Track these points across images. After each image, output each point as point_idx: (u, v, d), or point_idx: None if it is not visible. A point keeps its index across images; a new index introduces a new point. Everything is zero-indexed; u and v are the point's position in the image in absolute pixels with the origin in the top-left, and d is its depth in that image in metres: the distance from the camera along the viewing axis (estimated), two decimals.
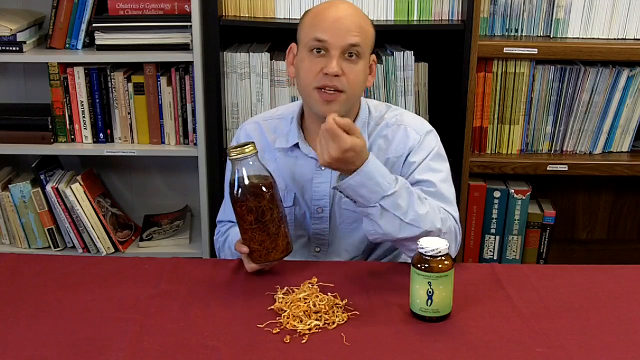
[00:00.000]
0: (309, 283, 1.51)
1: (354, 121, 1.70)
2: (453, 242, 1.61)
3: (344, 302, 1.46)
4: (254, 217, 1.51)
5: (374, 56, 1.69)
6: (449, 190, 1.68)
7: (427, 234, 1.52)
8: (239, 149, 1.51)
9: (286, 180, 1.73)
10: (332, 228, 1.75)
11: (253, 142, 1.53)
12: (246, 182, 1.51)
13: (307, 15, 1.67)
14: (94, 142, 2.51)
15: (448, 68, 2.45)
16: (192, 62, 2.38)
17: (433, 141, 1.72)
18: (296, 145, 1.73)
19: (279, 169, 1.72)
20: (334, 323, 1.39)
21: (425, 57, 2.42)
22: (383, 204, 1.52)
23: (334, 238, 1.75)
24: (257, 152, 1.52)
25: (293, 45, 1.70)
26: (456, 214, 1.66)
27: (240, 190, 1.51)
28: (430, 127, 1.75)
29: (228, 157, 1.52)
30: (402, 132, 1.71)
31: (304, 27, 1.65)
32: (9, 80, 2.70)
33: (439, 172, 1.68)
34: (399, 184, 1.54)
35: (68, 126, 2.49)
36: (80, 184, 2.48)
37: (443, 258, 1.39)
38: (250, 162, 1.51)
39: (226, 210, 1.83)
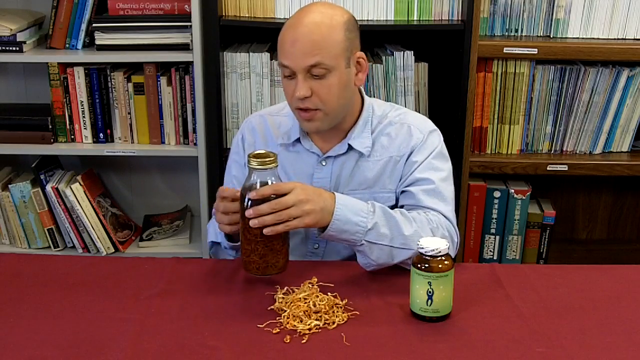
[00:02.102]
0: (309, 283, 1.50)
1: (356, 120, 1.71)
2: (450, 246, 1.60)
3: (344, 302, 1.46)
4: (260, 230, 1.45)
5: (359, 53, 1.64)
6: (448, 189, 1.68)
7: None
8: (260, 159, 1.46)
9: (287, 175, 1.73)
10: None
11: (276, 155, 1.47)
12: None
13: (281, 29, 1.62)
14: (94, 142, 2.51)
15: (448, 68, 2.45)
16: (192, 62, 2.38)
17: (436, 140, 1.72)
18: (298, 140, 1.73)
19: (280, 164, 1.71)
20: (334, 323, 1.39)
21: (425, 57, 2.42)
22: (368, 239, 1.53)
23: None
24: (277, 165, 1.48)
25: None
26: (451, 215, 1.66)
27: (252, 202, 1.45)
28: (433, 126, 1.75)
29: (247, 164, 1.47)
30: (405, 131, 1.72)
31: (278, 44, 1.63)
32: (9, 80, 2.70)
33: (440, 170, 1.69)
34: (377, 213, 1.54)
35: (68, 126, 2.49)
36: (80, 184, 2.48)
37: (443, 258, 1.39)
38: (268, 176, 1.46)
39: None
